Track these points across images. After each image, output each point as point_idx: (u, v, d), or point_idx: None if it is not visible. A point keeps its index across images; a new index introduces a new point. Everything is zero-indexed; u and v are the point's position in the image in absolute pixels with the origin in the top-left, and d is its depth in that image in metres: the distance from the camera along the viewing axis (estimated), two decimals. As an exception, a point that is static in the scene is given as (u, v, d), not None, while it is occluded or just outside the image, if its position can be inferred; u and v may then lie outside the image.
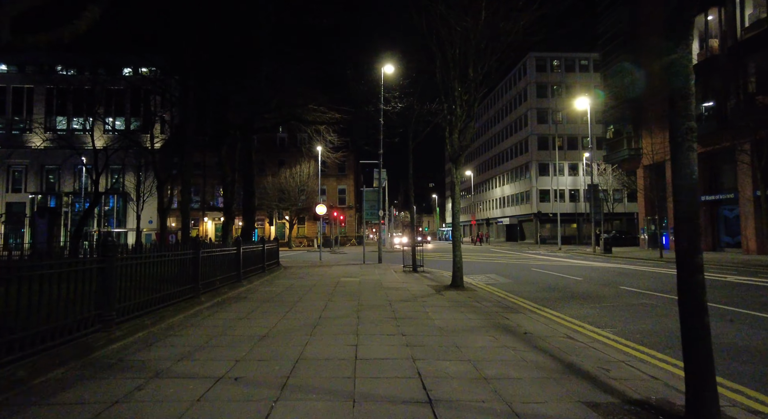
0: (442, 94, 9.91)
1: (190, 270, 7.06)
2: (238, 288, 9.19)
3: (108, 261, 4.43)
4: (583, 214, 46.29)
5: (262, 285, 10.35)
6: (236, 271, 9.66)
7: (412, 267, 14.43)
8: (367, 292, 9.04)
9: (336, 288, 9.66)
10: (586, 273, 13.68)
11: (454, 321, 6.07)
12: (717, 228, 23.76)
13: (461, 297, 8.46)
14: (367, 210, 19.08)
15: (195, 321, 5.97)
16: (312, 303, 7.66)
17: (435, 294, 8.86)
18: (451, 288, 9.64)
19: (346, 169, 47.94)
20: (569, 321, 6.44)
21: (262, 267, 12.15)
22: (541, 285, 10.85)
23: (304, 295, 8.61)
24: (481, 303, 7.66)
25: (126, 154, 28.31)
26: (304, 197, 40.42)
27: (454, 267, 9.79)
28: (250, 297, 8.35)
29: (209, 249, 8.01)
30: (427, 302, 7.76)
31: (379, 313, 6.62)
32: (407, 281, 11.30)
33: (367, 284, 10.56)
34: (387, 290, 9.42)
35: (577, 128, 48.69)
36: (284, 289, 9.56)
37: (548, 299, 8.62)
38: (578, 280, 11.63)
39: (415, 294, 8.73)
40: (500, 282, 11.67)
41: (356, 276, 12.43)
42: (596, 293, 9.30)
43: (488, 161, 62.59)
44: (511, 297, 8.78)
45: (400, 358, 4.21)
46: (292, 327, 5.62)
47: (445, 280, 11.36)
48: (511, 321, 6.15)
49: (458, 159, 9.78)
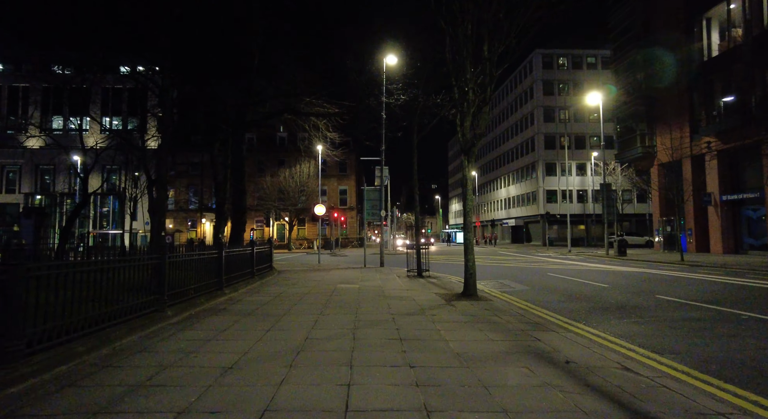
0: (452, 76, 8.73)
1: (154, 279, 5.89)
2: (217, 298, 8.01)
3: (10, 272, 3.25)
4: (591, 215, 44.95)
5: (249, 293, 9.16)
6: (217, 278, 8.49)
7: (417, 271, 13.23)
8: (366, 302, 7.84)
9: (331, 298, 8.47)
10: (609, 278, 12.43)
11: (474, 345, 4.86)
12: (739, 230, 22.42)
13: (476, 309, 7.25)
14: (368, 210, 17.87)
15: (149, 343, 4.78)
16: (301, 317, 6.47)
17: (445, 305, 7.66)
18: (463, 297, 8.43)
19: (348, 169, 46.82)
20: (615, 343, 5.21)
21: (250, 272, 10.97)
22: (564, 293, 9.62)
23: (294, 306, 7.42)
24: (501, 318, 6.45)
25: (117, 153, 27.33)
26: (304, 198, 39.30)
27: (467, 273, 8.58)
28: (229, 309, 7.16)
29: (180, 253, 6.83)
30: (438, 316, 6.56)
31: (381, 332, 5.42)
32: (412, 288, 10.09)
33: (368, 292, 9.37)
34: (389, 300, 8.22)
35: (584, 127, 47.42)
36: (272, 298, 8.38)
37: (578, 311, 7.40)
38: (604, 287, 10.39)
39: (423, 306, 7.53)
40: (516, 289, 10.44)
41: (355, 283, 11.24)
42: (631, 304, 8.06)
43: (493, 161, 61.31)
44: (535, 309, 7.56)
45: (408, 410, 3.00)
46: (269, 354, 4.43)
47: (454, 287, 10.15)
48: (544, 343, 4.94)
49: (471, 149, 8.58)
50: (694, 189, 23.44)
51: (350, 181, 47.09)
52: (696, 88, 23.47)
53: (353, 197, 47.03)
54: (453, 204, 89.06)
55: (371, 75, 16.11)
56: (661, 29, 25.96)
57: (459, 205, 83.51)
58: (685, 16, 23.70)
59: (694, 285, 10.70)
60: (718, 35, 22.07)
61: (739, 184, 22.12)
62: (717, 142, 22.09)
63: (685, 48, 23.58)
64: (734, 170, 22.32)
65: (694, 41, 23.03)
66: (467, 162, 8.69)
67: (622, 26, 29.27)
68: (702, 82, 22.82)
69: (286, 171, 39.48)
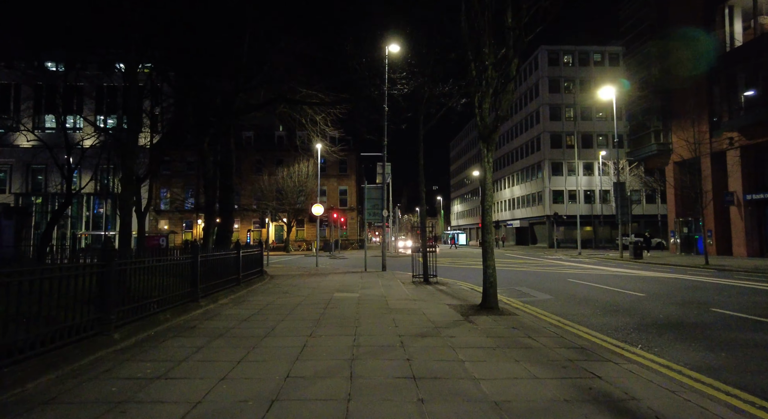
0: (468, 50, 7.43)
1: (94, 292, 4.59)
2: (190, 312, 6.70)
3: None
4: (599, 217, 43.63)
5: (230, 305, 7.85)
6: (191, 287, 7.18)
7: (423, 277, 11.91)
8: (368, 318, 6.53)
9: (326, 311, 7.16)
10: (639, 285, 11.10)
11: (514, 387, 3.54)
12: (765, 231, 21.07)
13: (502, 327, 5.93)
14: (369, 209, 16.55)
15: (62, 389, 3.45)
16: (286, 339, 5.17)
17: (462, 321, 6.34)
18: (483, 310, 7.11)
19: (348, 169, 45.55)
20: (702, 382, 3.90)
21: (235, 279, 9.66)
22: (597, 304, 8.30)
23: (280, 323, 6.11)
24: (536, 340, 5.14)
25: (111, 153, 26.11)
26: (303, 198, 38.02)
27: (486, 282, 7.26)
28: (200, 327, 5.84)
29: (136, 258, 5.52)
30: (457, 338, 5.24)
31: (386, 366, 4.11)
32: (420, 298, 8.78)
33: (369, 302, 8.05)
34: (395, 313, 6.90)
35: (592, 125, 46.12)
36: (256, 312, 7.06)
37: (625, 329, 6.08)
38: (641, 297, 9.06)
39: (436, 322, 6.21)
40: (539, 299, 9.13)
41: (355, 290, 9.93)
42: (687, 320, 6.74)
43: (497, 161, 59.99)
44: (572, 327, 6.25)
45: None
46: (228, 408, 3.12)
47: (468, 297, 8.83)
48: (606, 381, 3.64)
49: (491, 136, 7.29)
50: (715, 188, 22.12)
51: (350, 180, 45.79)
52: (716, 81, 22.16)
53: (353, 197, 45.73)
54: (455, 205, 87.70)
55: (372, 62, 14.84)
56: (677, 20, 24.66)
57: (461, 206, 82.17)
58: (704, 5, 22.41)
59: (745, 294, 9.37)
60: (741, 24, 20.76)
61: (765, 183, 20.78)
62: (740, 137, 20.76)
63: (704, 39, 22.28)
64: (759, 168, 20.98)
65: (715, 31, 21.73)
66: (486, 150, 7.38)
67: (635, 18, 27.98)
68: (723, 75, 21.50)
69: (284, 170, 38.20)
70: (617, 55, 46.24)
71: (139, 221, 21.04)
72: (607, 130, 46.34)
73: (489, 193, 7.40)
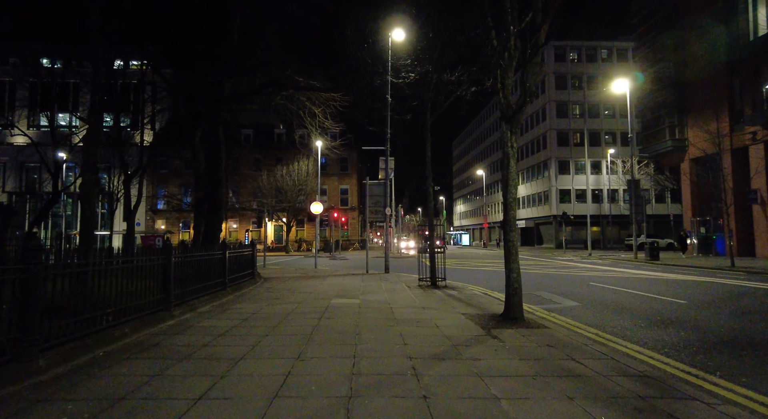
0: (488, 15, 6.34)
1: (14, 304, 3.52)
2: (157, 324, 5.61)
3: None
4: (607, 216, 42.42)
5: (210, 314, 6.77)
6: (163, 294, 6.11)
7: (431, 280, 10.82)
8: (370, 331, 5.44)
9: (321, 322, 6.07)
10: (673, 290, 9.96)
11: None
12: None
13: (534, 344, 4.84)
14: (371, 207, 15.48)
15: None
16: (267, 363, 4.08)
17: (485, 336, 5.24)
18: (506, 322, 6.01)
19: (349, 167, 44.47)
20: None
21: (221, 282, 8.58)
22: (635, 313, 7.18)
23: (263, 339, 5.02)
24: (583, 364, 4.04)
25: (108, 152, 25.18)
26: (303, 197, 36.92)
27: (509, 288, 6.17)
28: (164, 345, 4.76)
29: (81, 261, 4.44)
30: (483, 361, 4.15)
31: (397, 409, 3.01)
32: (430, 305, 7.68)
33: (371, 311, 6.96)
34: (402, 326, 5.81)
35: (599, 122, 44.92)
36: (237, 323, 5.98)
37: (685, 348, 4.97)
38: (682, 304, 7.94)
39: (453, 338, 5.12)
40: (565, 306, 8.01)
41: (356, 296, 8.83)
42: (754, 335, 5.62)
43: (499, 161, 58.82)
44: (619, 344, 5.13)
45: None
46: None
47: (485, 304, 7.74)
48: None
49: (516, 116, 6.21)
50: (736, 185, 20.93)
51: (351, 179, 44.70)
52: (737, 73, 21.00)
53: (355, 196, 44.64)
54: (458, 205, 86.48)
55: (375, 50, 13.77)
56: (694, 9, 23.50)
57: (464, 206, 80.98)
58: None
59: (796, 301, 8.24)
60: (766, 10, 19.60)
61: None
62: (765, 132, 19.59)
63: (723, 28, 21.12)
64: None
65: (737, 19, 20.57)
66: (510, 133, 6.29)
67: (649, 8, 26.81)
68: (745, 65, 20.34)
69: (283, 168, 37.12)
70: (626, 50, 45.06)
71: (128, 220, 20.06)
72: (615, 128, 45.14)
73: (513, 183, 6.30)
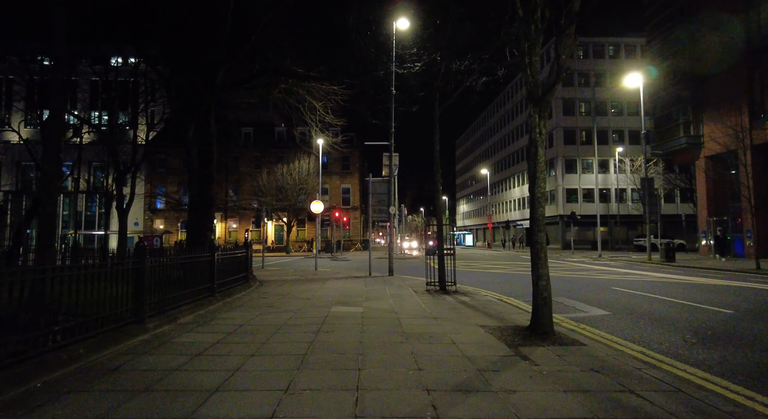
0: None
1: None
2: (124, 341, 4.75)
3: None
4: (615, 216, 41.42)
5: (192, 325, 5.91)
6: (135, 303, 5.26)
7: (440, 285, 9.96)
8: (375, 352, 4.57)
9: (318, 337, 5.20)
10: (710, 297, 9.06)
11: None
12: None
13: (575, 368, 3.96)
14: (374, 206, 14.60)
15: None
16: (244, 401, 3.21)
17: (513, 356, 4.37)
18: (535, 337, 5.13)
19: (351, 166, 43.62)
20: None
21: (209, 287, 7.73)
22: (678, 325, 6.28)
23: (246, 362, 4.16)
24: (646, 399, 3.16)
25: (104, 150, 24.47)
26: (304, 196, 36.09)
27: (537, 298, 5.29)
28: (124, 369, 3.89)
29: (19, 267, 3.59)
30: (519, 394, 3.27)
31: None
32: (442, 314, 6.81)
33: (376, 323, 6.09)
34: (414, 343, 4.94)
35: (606, 120, 43.93)
36: (220, 339, 5.11)
37: (763, 373, 4.08)
38: (730, 315, 7.03)
39: (476, 360, 4.24)
40: (592, 315, 7.13)
41: (358, 303, 7.97)
42: (830, 353, 4.72)
43: (506, 159, 57.86)
44: (678, 368, 4.24)
45: None
46: None
47: (503, 313, 6.86)
48: None
49: (545, 97, 5.34)
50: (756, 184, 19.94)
51: (353, 179, 43.84)
52: (757, 65, 20.04)
53: (357, 196, 43.78)
54: (461, 205, 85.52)
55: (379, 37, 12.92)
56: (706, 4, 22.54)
57: (467, 206, 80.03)
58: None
59: None
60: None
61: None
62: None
63: (743, 17, 20.17)
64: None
65: (757, 9, 19.62)
66: (538, 117, 5.42)
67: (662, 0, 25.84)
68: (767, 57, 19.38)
69: (283, 167, 36.30)
70: (634, 46, 44.11)
71: (121, 219, 19.25)
72: (623, 126, 44.19)
73: (541, 176, 5.43)
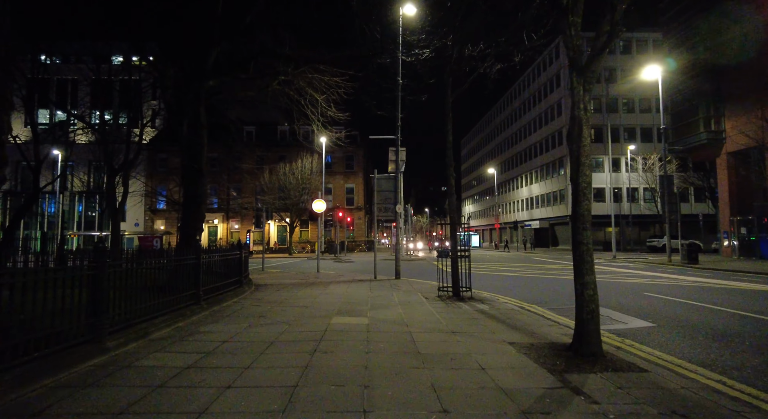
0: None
1: None
2: (70, 368, 3.81)
3: None
4: (627, 217, 40.17)
5: (164, 342, 4.96)
6: (91, 318, 4.33)
7: (453, 290, 8.98)
8: (385, 380, 3.60)
9: (314, 360, 4.24)
10: (758, 305, 8.01)
11: None
12: None
13: (651, 409, 2.98)
14: (379, 204, 13.64)
15: None
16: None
17: (561, 388, 3.38)
18: (580, 358, 4.15)
19: (355, 166, 42.69)
20: None
21: (193, 294, 6.80)
22: (745, 341, 5.27)
23: (218, 400, 3.20)
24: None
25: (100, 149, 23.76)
26: (307, 196, 35.22)
27: (582, 311, 4.32)
28: (49, 414, 2.96)
29: None
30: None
31: None
32: (460, 328, 5.83)
33: (384, 340, 5.12)
34: (431, 367, 3.97)
35: (618, 118, 42.70)
36: (194, 362, 4.16)
37: None
38: (797, 328, 6.00)
39: (514, 394, 3.26)
40: (634, 327, 6.13)
41: (363, 312, 7.01)
42: None
43: (514, 158, 56.63)
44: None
45: None
46: None
47: (529, 324, 5.88)
48: None
49: (592, 65, 4.43)
50: (784, 181, 18.80)
51: (358, 178, 42.91)
52: (786, 55, 18.89)
53: (361, 196, 42.85)
54: (466, 205, 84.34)
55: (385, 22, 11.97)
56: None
57: (473, 207, 78.85)
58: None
59: None
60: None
61: None
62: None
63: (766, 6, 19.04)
64: None
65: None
66: (582, 90, 4.47)
67: (680, -10, 24.69)
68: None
69: (286, 166, 35.45)
70: (645, 41, 42.91)
71: (114, 218, 18.45)
72: (635, 123, 42.98)
73: (587, 161, 4.49)
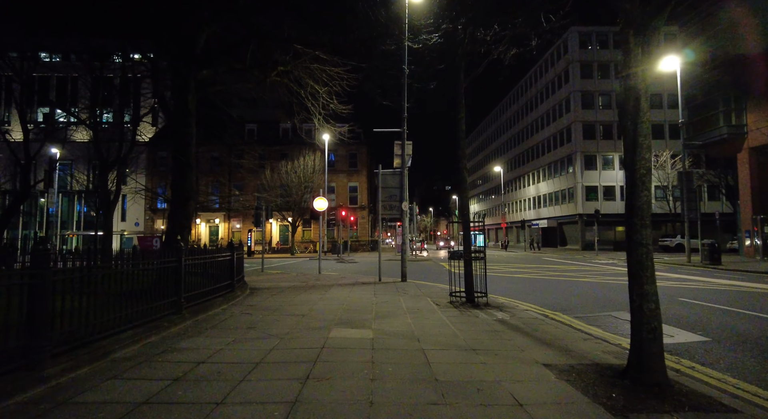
0: None
1: None
2: (-12, 405, 2.98)
3: None
4: (638, 215, 38.98)
5: (126, 363, 4.12)
6: (27, 339, 3.48)
7: (467, 296, 8.12)
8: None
9: (305, 392, 3.36)
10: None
11: None
12: None
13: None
14: (384, 202, 12.77)
15: None
16: None
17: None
18: (641, 389, 3.26)
19: (358, 164, 41.84)
20: None
21: (173, 302, 5.95)
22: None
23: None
24: None
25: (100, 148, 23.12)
26: (309, 195, 34.42)
27: (641, 328, 3.44)
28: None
29: None
30: None
31: None
32: (481, 343, 4.94)
33: (392, 360, 4.24)
34: (455, 403, 3.09)
35: (628, 114, 41.49)
36: (153, 395, 3.30)
37: None
38: None
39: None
40: (685, 341, 5.22)
41: (366, 323, 6.13)
42: None
43: (521, 155, 55.54)
44: None
45: None
46: None
47: (561, 338, 4.96)
48: None
49: (654, 21, 3.47)
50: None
51: (361, 176, 42.05)
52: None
53: (364, 195, 41.99)
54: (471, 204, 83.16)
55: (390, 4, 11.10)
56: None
57: (478, 206, 77.80)
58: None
59: None
60: None
61: None
62: None
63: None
64: None
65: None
66: (641, 51, 3.54)
67: (698, -22, 23.62)
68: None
69: (287, 164, 34.66)
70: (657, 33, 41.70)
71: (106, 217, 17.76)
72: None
73: (645, 142, 3.56)
